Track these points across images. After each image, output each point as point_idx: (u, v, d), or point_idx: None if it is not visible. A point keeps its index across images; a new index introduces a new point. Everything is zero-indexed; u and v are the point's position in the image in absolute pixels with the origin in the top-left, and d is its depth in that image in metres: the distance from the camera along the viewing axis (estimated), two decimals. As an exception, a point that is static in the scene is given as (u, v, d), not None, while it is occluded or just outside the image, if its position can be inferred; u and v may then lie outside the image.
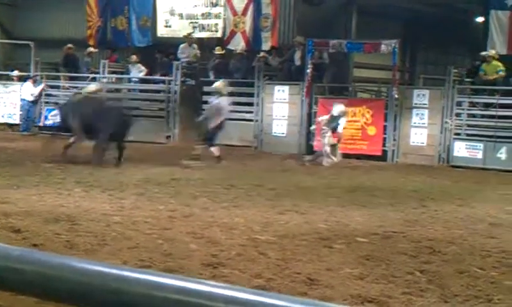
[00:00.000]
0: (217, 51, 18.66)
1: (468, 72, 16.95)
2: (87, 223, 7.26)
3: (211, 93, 15.16)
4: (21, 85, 20.53)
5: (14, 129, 20.31)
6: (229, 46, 18.86)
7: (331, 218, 8.25)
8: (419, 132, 15.78)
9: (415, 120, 15.82)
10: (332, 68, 17.86)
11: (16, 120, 20.55)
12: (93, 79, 19.66)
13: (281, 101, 17.33)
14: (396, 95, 15.92)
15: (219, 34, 19.15)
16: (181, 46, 19.10)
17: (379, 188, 11.22)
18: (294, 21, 18.70)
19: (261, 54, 18.13)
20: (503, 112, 15.27)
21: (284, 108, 17.29)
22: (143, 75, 19.76)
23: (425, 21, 20.02)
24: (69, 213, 7.77)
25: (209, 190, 10.10)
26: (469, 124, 15.71)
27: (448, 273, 5.84)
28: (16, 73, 21.22)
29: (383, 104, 16.51)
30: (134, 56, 19.92)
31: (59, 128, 14.59)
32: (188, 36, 19.14)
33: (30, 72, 20.79)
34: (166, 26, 19.97)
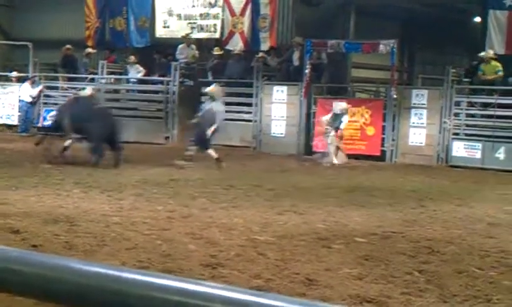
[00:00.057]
0: (215, 52, 18.66)
1: (466, 72, 16.95)
2: (86, 224, 7.26)
3: (205, 97, 14.90)
4: (19, 86, 20.51)
5: (12, 130, 20.30)
6: (227, 46, 18.86)
7: (329, 218, 8.25)
8: (418, 132, 15.78)
9: (414, 120, 15.82)
10: (330, 68, 17.87)
11: (14, 121, 20.53)
12: (92, 80, 19.67)
13: (279, 101, 17.31)
14: (394, 95, 15.92)
15: (217, 34, 19.15)
16: (179, 47, 19.09)
17: (377, 188, 11.22)
18: (293, 21, 18.69)
19: (259, 55, 18.11)
20: (501, 112, 15.28)
21: (283, 108, 17.27)
22: (142, 76, 19.73)
23: (423, 21, 20.00)
24: (68, 214, 7.77)
25: (208, 190, 10.09)
26: (467, 124, 15.71)
27: (447, 273, 5.85)
28: (14, 74, 21.23)
29: (382, 104, 16.52)
30: (133, 57, 19.90)
31: (50, 128, 14.56)
32: (186, 37, 19.14)
33: (28, 73, 20.79)
34: (165, 27, 19.97)
